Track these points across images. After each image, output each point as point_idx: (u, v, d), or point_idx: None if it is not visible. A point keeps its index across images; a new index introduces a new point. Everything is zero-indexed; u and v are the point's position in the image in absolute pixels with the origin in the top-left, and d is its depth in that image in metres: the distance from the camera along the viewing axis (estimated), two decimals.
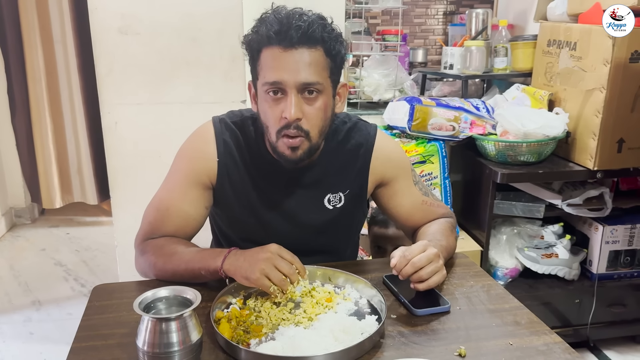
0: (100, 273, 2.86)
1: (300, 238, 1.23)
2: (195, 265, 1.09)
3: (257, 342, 0.93)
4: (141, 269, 1.19)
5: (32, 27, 3.21)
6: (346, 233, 1.33)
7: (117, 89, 1.91)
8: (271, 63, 1.05)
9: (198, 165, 1.20)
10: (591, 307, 2.13)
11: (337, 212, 1.24)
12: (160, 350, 0.82)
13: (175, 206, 1.19)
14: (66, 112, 3.39)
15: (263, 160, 1.20)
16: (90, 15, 1.85)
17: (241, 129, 1.21)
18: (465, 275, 1.21)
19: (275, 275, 1.00)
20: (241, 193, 1.21)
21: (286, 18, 1.04)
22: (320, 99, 1.08)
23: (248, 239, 1.24)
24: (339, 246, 1.33)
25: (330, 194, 1.23)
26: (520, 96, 2.25)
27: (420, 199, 1.29)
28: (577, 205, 2.08)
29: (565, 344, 0.96)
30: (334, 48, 1.08)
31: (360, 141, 1.24)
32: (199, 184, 1.20)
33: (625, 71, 1.85)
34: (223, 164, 1.19)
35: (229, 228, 1.30)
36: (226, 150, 1.19)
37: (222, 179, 1.20)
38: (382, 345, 0.94)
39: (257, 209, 1.22)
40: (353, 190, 1.24)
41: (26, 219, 3.56)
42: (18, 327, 2.39)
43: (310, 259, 1.15)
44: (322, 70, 1.07)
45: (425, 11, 3.15)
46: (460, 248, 2.07)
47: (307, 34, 1.03)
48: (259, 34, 1.07)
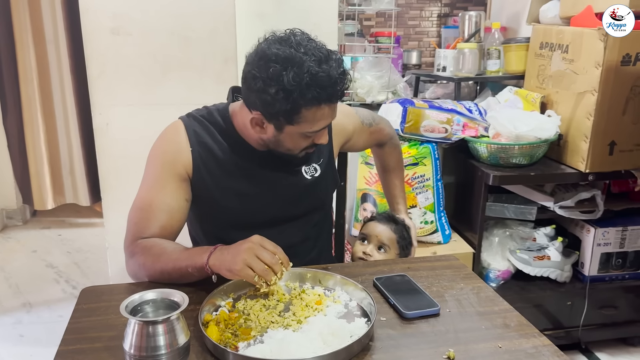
0: (91, 275, 2.84)
1: (284, 207, 1.30)
2: (182, 263, 1.09)
3: (246, 345, 0.92)
4: (132, 271, 1.19)
5: (24, 27, 3.19)
6: (323, 199, 1.41)
7: (109, 90, 1.90)
8: (319, 117, 1.12)
9: (173, 158, 1.22)
10: (583, 309, 2.14)
11: (315, 181, 1.32)
12: (147, 354, 0.82)
13: (156, 201, 1.20)
14: (58, 112, 3.37)
15: (237, 144, 1.25)
16: (82, 16, 1.84)
17: (209, 119, 1.26)
18: (456, 278, 1.21)
19: (257, 265, 1.01)
20: (220, 178, 1.24)
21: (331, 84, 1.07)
22: None
23: (232, 225, 1.27)
24: (317, 212, 1.39)
25: (304, 166, 1.31)
26: (512, 99, 2.25)
27: (368, 132, 1.50)
28: (569, 207, 2.08)
29: (554, 347, 0.96)
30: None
31: None
32: (176, 176, 1.22)
33: (616, 74, 1.86)
34: (197, 153, 1.22)
35: (211, 222, 1.31)
36: (198, 139, 1.23)
37: (198, 168, 1.23)
38: (371, 348, 0.94)
39: (238, 190, 1.25)
40: (324, 158, 1.35)
41: (17, 221, 3.53)
42: (8, 329, 2.37)
43: (293, 225, 1.30)
44: None
45: (419, 13, 3.16)
46: (452, 250, 2.10)
47: (342, 93, 1.13)
48: (305, 96, 1.06)
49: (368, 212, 2.13)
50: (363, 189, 2.18)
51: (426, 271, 1.23)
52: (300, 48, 1.07)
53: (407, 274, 1.19)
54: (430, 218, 2.13)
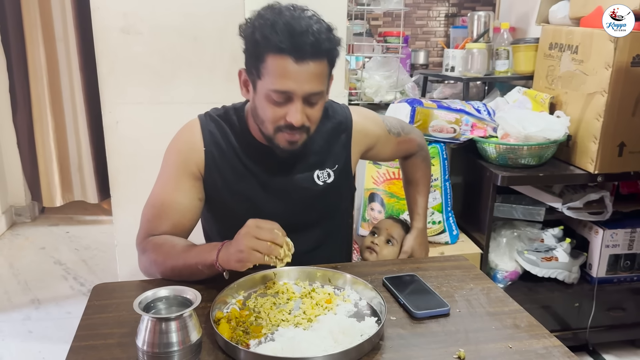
0: (99, 272, 2.86)
1: (294, 214, 1.27)
2: (192, 260, 1.10)
3: (257, 343, 0.93)
4: (144, 267, 1.20)
5: (34, 25, 3.21)
6: (336, 206, 1.39)
7: (119, 88, 1.92)
8: (280, 72, 1.07)
9: (186, 157, 1.23)
10: (591, 310, 2.13)
11: (327, 187, 1.30)
12: (160, 350, 0.83)
13: (169, 199, 1.21)
14: (67, 110, 3.39)
15: (250, 146, 1.25)
16: (93, 15, 1.85)
17: (225, 120, 1.26)
18: (465, 278, 1.21)
19: (261, 245, 1.00)
20: (231, 180, 1.24)
21: (298, 30, 1.05)
22: (320, 101, 1.16)
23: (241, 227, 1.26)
24: (330, 220, 1.37)
25: (317, 171, 1.29)
26: (521, 99, 2.25)
27: (396, 142, 1.44)
28: (577, 208, 2.08)
29: (564, 348, 0.96)
30: (335, 55, 1.14)
31: (340, 120, 1.33)
32: (190, 175, 1.22)
33: (626, 75, 1.85)
34: (210, 154, 1.23)
35: (223, 224, 1.31)
36: (212, 140, 1.23)
37: (210, 169, 1.23)
38: (381, 347, 0.94)
39: (249, 194, 1.25)
40: (340, 165, 1.32)
41: (26, 218, 3.56)
42: (17, 325, 2.39)
43: (305, 233, 1.26)
44: (324, 78, 1.14)
45: (427, 13, 3.15)
46: (460, 250, 2.10)
47: (317, 49, 1.07)
48: (268, 40, 1.06)
49: (375, 212, 2.13)
50: (371, 189, 2.18)
51: (435, 271, 1.24)
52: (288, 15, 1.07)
53: (417, 274, 1.19)
54: (438, 218, 2.12)
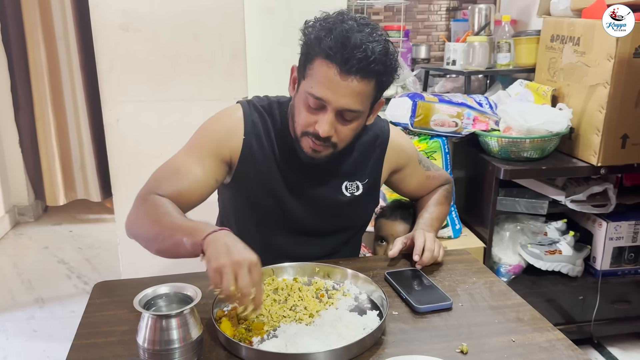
0: (103, 271, 2.87)
1: (315, 220, 1.28)
2: (180, 232, 1.00)
3: (260, 340, 0.93)
4: (130, 222, 1.13)
5: (34, 25, 3.21)
6: (359, 219, 1.38)
7: (119, 86, 1.91)
8: (323, 79, 1.06)
9: (221, 138, 1.20)
10: (595, 303, 2.12)
11: (354, 199, 1.28)
12: (161, 348, 0.82)
13: (186, 168, 1.17)
14: (69, 109, 3.39)
15: (286, 145, 1.22)
16: (91, 12, 1.85)
17: (269, 112, 1.24)
18: (468, 272, 1.21)
19: (227, 280, 0.88)
20: (263, 174, 1.23)
21: (352, 43, 1.03)
22: (356, 122, 1.13)
23: (263, 222, 1.26)
24: (350, 231, 1.36)
25: (347, 182, 1.28)
26: (523, 92, 2.23)
27: (424, 175, 1.42)
28: (580, 201, 2.07)
29: (568, 341, 0.95)
30: (386, 82, 1.12)
31: (377, 132, 1.31)
32: (218, 156, 1.20)
33: (629, 66, 1.84)
34: (248, 143, 1.21)
35: (242, 213, 1.29)
36: (253, 130, 1.21)
37: (245, 158, 1.21)
38: (383, 342, 0.94)
39: (275, 191, 1.24)
40: (370, 179, 1.30)
41: (29, 217, 3.56)
42: (21, 324, 2.40)
43: (322, 240, 1.28)
44: (366, 100, 1.11)
45: (428, 7, 3.13)
46: (462, 245, 2.09)
47: (366, 68, 1.04)
48: (321, 43, 1.04)
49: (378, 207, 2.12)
50: None
51: (438, 265, 1.23)
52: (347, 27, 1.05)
53: (419, 269, 1.19)
54: None
